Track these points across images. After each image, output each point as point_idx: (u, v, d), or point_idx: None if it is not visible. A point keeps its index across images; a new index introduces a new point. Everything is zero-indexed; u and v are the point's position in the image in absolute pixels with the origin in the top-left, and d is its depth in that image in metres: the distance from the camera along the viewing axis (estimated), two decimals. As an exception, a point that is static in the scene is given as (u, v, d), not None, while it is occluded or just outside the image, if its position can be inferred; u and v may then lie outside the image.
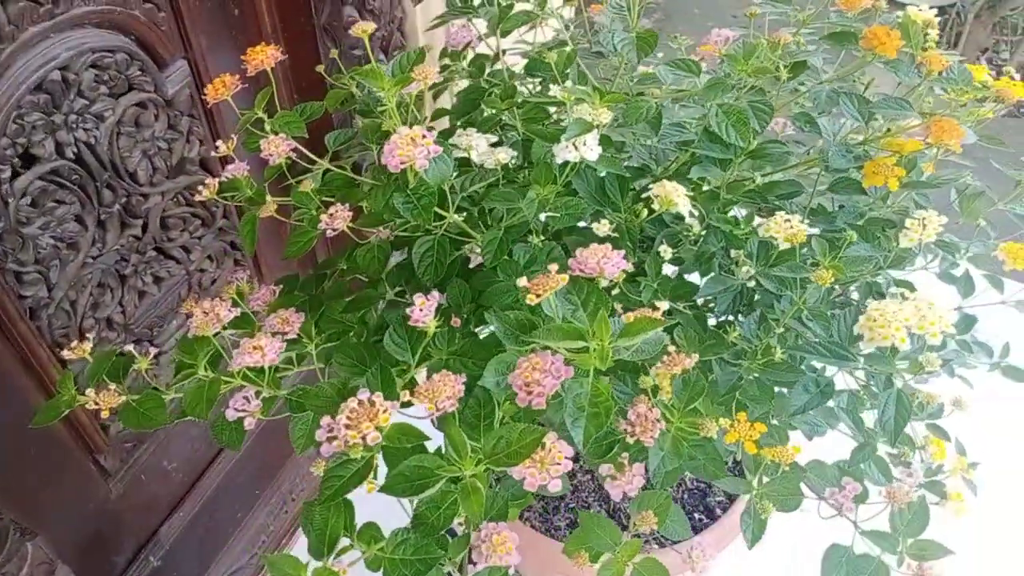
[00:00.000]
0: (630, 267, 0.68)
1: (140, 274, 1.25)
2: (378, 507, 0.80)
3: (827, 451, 0.98)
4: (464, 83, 1.15)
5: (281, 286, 0.97)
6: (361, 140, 1.01)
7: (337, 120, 1.42)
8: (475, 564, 0.76)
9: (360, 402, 0.63)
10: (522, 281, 0.63)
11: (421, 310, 0.69)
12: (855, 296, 0.99)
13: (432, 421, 0.76)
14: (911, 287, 0.88)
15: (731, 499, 1.31)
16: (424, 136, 0.68)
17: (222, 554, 1.57)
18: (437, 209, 0.84)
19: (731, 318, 0.90)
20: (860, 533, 0.78)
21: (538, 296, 0.60)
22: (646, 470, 0.79)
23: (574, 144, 0.78)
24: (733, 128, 0.87)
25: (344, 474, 0.66)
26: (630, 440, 0.69)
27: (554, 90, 0.82)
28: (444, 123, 1.13)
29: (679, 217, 0.91)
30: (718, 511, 1.33)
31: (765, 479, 0.78)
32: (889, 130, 0.92)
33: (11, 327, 1.06)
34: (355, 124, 1.33)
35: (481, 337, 0.87)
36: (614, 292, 0.90)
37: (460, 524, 0.75)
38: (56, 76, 1.00)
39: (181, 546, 1.48)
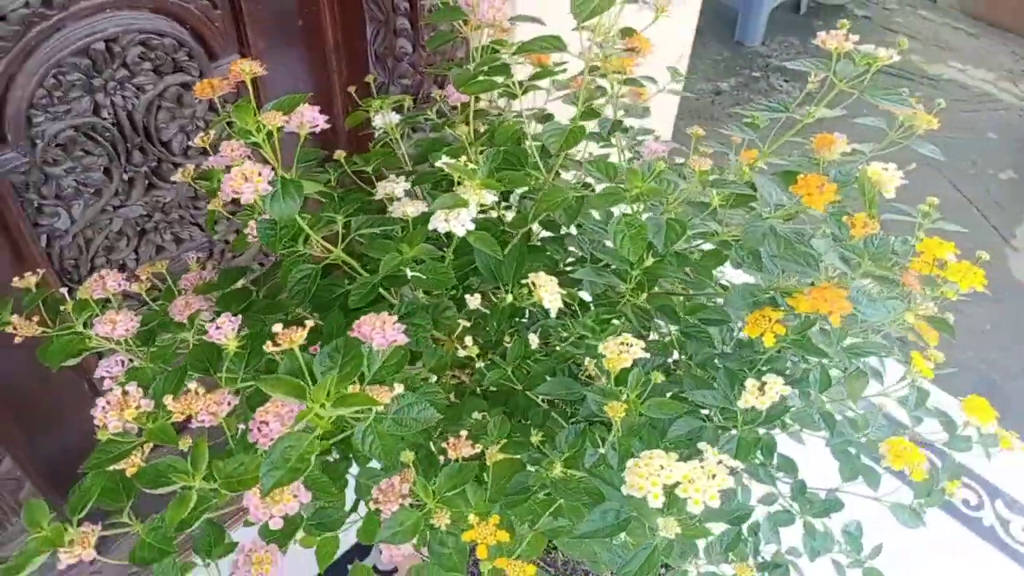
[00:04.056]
0: (403, 341, 0.70)
1: (161, 232, 1.39)
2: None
3: None
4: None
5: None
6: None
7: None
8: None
9: (125, 391, 0.70)
10: (277, 327, 0.66)
11: (219, 327, 0.74)
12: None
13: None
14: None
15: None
16: (259, 174, 0.74)
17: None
18: (326, 245, 0.89)
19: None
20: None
21: (277, 346, 0.64)
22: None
23: (445, 216, 0.81)
24: (629, 241, 0.86)
25: (112, 451, 0.73)
26: (371, 506, 0.71)
27: (440, 162, 0.86)
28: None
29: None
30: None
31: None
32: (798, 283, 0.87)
33: (23, 247, 1.22)
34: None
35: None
36: (478, 365, 0.92)
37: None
38: (100, 46, 1.14)
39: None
